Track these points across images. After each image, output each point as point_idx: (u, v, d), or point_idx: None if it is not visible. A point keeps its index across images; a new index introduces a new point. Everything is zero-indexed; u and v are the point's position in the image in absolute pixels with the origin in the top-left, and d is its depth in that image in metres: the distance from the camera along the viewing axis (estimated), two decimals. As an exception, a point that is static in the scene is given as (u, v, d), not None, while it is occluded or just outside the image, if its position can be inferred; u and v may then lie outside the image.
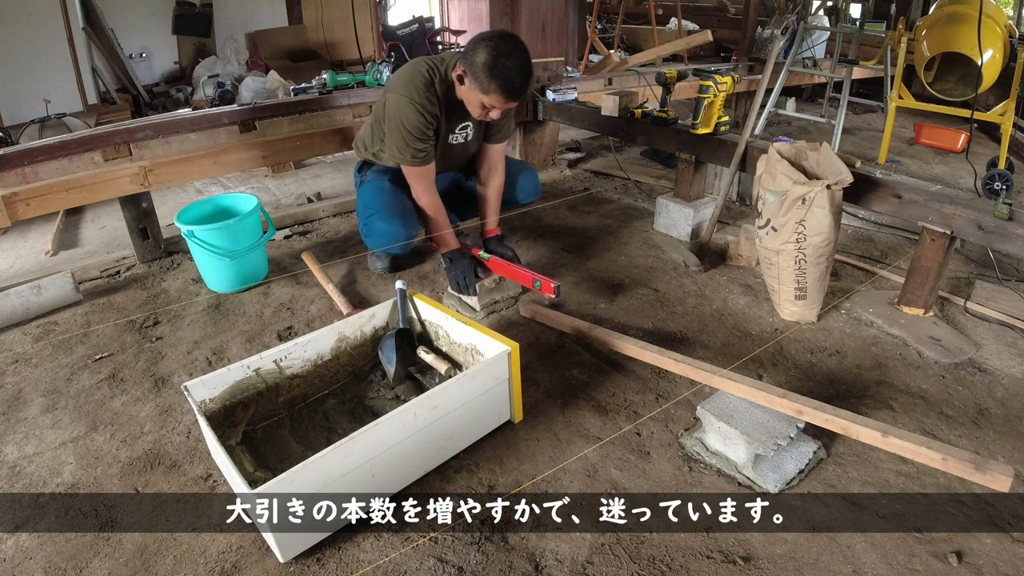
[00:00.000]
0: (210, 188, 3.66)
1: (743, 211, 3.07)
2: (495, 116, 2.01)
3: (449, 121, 2.14)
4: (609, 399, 1.78)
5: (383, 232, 2.22)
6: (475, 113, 2.02)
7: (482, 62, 1.86)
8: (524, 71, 1.88)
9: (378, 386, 1.82)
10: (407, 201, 2.21)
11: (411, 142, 2.03)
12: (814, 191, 1.88)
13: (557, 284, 1.96)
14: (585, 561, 1.30)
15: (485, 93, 1.90)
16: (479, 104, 1.96)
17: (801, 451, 1.53)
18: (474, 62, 1.87)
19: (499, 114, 2.01)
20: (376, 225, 2.23)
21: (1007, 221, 1.82)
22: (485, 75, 1.86)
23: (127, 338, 2.13)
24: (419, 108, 1.99)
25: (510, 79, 1.86)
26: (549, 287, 1.97)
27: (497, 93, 1.88)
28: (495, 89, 1.88)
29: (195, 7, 5.83)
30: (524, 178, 2.53)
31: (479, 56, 1.86)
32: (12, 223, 2.32)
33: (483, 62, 1.85)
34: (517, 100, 1.94)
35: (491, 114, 1.99)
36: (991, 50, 3.31)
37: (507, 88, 1.87)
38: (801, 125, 4.61)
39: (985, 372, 1.88)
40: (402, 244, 2.23)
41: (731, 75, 2.51)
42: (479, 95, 1.92)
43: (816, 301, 2.10)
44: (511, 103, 1.94)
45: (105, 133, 2.56)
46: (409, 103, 1.99)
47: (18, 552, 1.35)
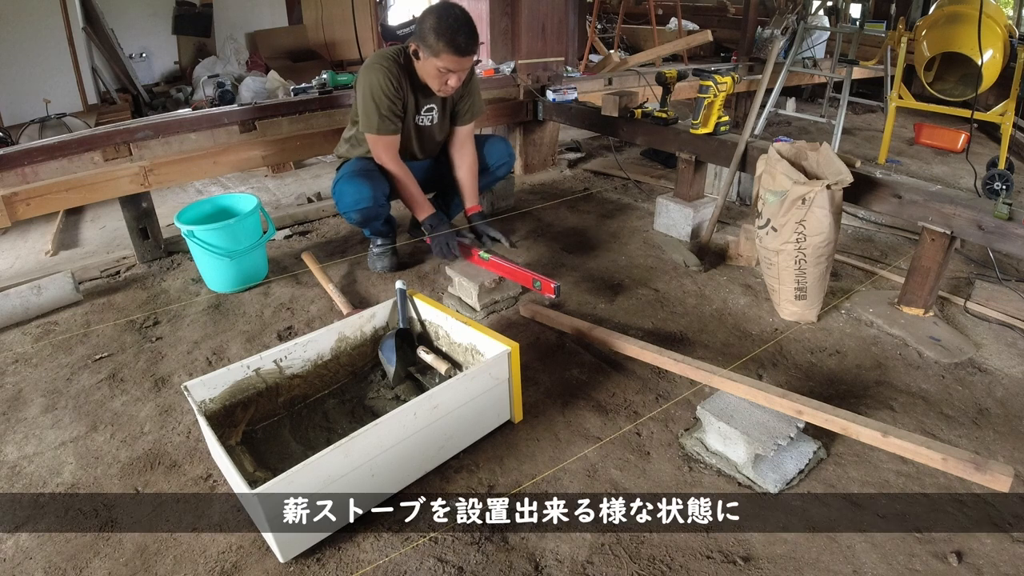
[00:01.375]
0: (210, 188, 3.66)
1: (743, 211, 3.07)
2: (453, 83, 2.11)
3: (416, 99, 2.25)
4: (609, 399, 1.78)
5: (348, 191, 2.25)
6: (435, 86, 2.14)
7: (428, 27, 2.01)
8: (467, 26, 2.02)
9: (378, 386, 1.82)
10: (374, 166, 2.30)
11: (379, 104, 2.14)
12: (814, 191, 1.88)
13: (557, 284, 1.98)
14: (585, 561, 1.30)
15: (437, 56, 2.04)
16: (435, 72, 2.08)
17: (801, 451, 1.53)
18: (423, 31, 2.04)
19: (456, 81, 2.11)
20: (342, 187, 2.28)
21: (1007, 221, 1.82)
22: (433, 37, 2.01)
23: (127, 338, 2.13)
24: (386, 71, 2.13)
25: (455, 35, 1.99)
26: (549, 287, 1.98)
27: (447, 51, 2.01)
28: (444, 48, 2.01)
29: (195, 7, 5.82)
30: (492, 145, 2.57)
31: (425, 24, 2.03)
32: (12, 223, 2.32)
33: (429, 27, 2.01)
34: (466, 55, 2.05)
35: (450, 81, 2.10)
36: (991, 50, 3.31)
37: (453, 44, 2.00)
38: (801, 125, 4.61)
39: (985, 372, 1.88)
40: (370, 199, 2.23)
41: (731, 75, 2.51)
42: (433, 60, 2.05)
43: (816, 301, 2.10)
44: (463, 59, 2.05)
45: (105, 133, 2.56)
46: (376, 67, 2.13)
47: (18, 552, 1.35)
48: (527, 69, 3.44)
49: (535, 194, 3.36)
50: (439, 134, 2.41)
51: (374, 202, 2.25)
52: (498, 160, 2.57)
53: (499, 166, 2.59)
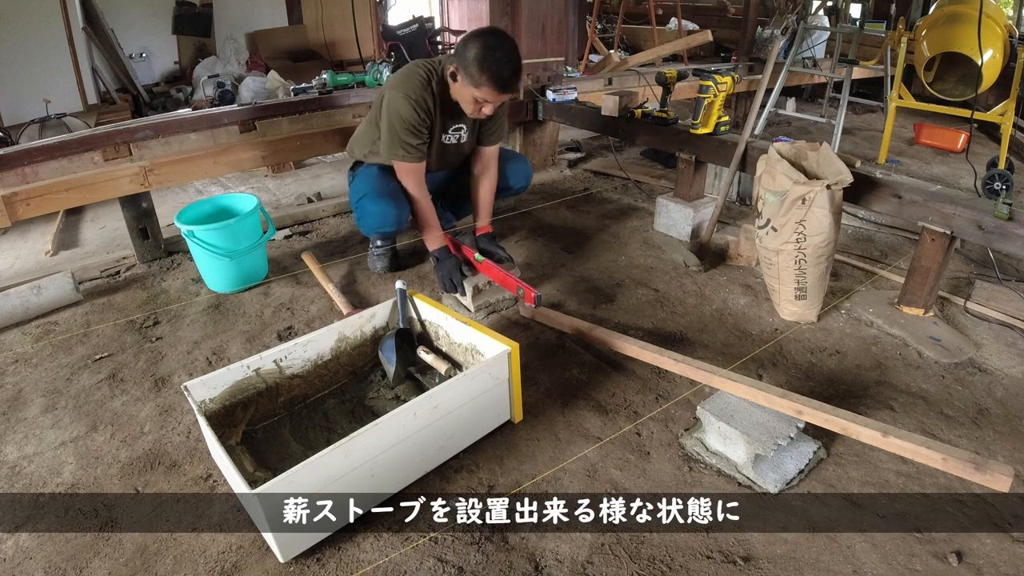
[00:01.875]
0: (210, 188, 3.66)
1: (743, 211, 3.07)
2: (488, 112, 2.05)
3: (444, 121, 2.18)
4: (609, 399, 1.78)
5: (374, 212, 2.23)
6: (469, 110, 2.06)
7: (473, 56, 1.92)
8: (513, 63, 1.94)
9: (378, 386, 1.82)
10: (397, 184, 2.24)
11: (404, 136, 2.08)
12: (814, 191, 1.88)
13: (538, 294, 2.00)
14: (585, 561, 1.30)
15: (477, 87, 1.95)
16: (472, 99, 2.01)
17: (801, 451, 1.53)
18: (465, 57, 1.94)
19: (492, 109, 2.04)
20: (367, 206, 2.25)
21: (1007, 221, 1.82)
22: (476, 68, 1.92)
23: (127, 338, 2.13)
24: (414, 104, 2.04)
25: (500, 71, 1.91)
26: (530, 296, 2.00)
27: (488, 85, 1.93)
28: (486, 81, 1.93)
29: (195, 7, 5.82)
30: (515, 165, 2.53)
31: (470, 51, 1.92)
32: (12, 223, 2.32)
33: (474, 56, 1.91)
34: (508, 92, 1.99)
35: (484, 109, 2.03)
36: (991, 50, 3.31)
37: (497, 79, 1.93)
38: (801, 125, 4.61)
39: (985, 372, 1.88)
40: (394, 223, 2.23)
41: (731, 75, 2.51)
42: (471, 89, 1.97)
43: (816, 301, 2.10)
44: (502, 95, 1.99)
45: (105, 133, 2.56)
46: (404, 98, 2.04)
47: (18, 552, 1.35)
48: (527, 69, 3.43)
49: (535, 194, 3.35)
50: (465, 149, 2.34)
51: (397, 226, 2.25)
52: (518, 182, 2.54)
53: (519, 188, 2.58)
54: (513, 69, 1.94)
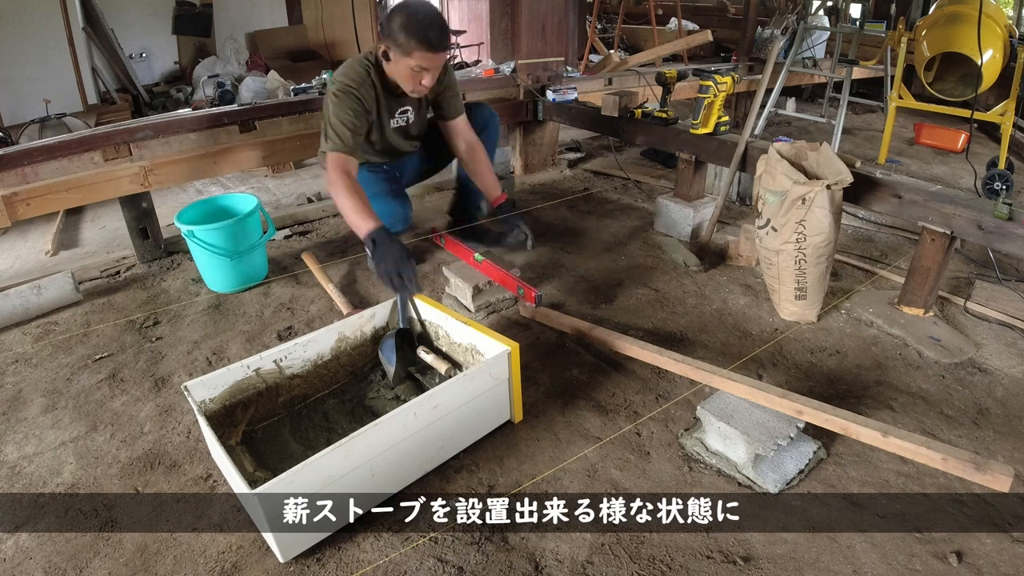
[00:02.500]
0: (210, 188, 3.66)
1: (743, 211, 3.07)
2: (427, 83, 2.02)
3: (390, 106, 2.19)
4: (609, 399, 1.78)
5: (384, 213, 2.22)
6: (408, 87, 2.05)
7: (398, 26, 1.92)
8: (439, 20, 1.96)
9: (378, 386, 1.82)
10: (398, 187, 2.28)
11: (337, 123, 2.02)
12: (814, 191, 1.88)
13: (539, 294, 2.01)
14: (585, 561, 1.30)
15: (408, 54, 1.95)
16: (408, 72, 1.99)
17: (801, 451, 1.53)
18: (391, 29, 1.95)
19: (430, 79, 2.02)
20: (377, 208, 2.23)
21: (1007, 221, 1.82)
22: (403, 36, 1.92)
23: (127, 338, 2.13)
24: (350, 92, 2.02)
25: (426, 31, 1.92)
26: (531, 296, 2.02)
27: (419, 49, 1.93)
28: (415, 45, 1.92)
29: (195, 7, 5.82)
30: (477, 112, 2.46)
31: (394, 23, 1.94)
32: (12, 223, 2.32)
33: (399, 25, 1.92)
34: (439, 51, 1.97)
35: (423, 81, 2.01)
36: (991, 50, 3.31)
37: (425, 40, 1.93)
38: (801, 125, 4.61)
39: (985, 372, 1.88)
40: (403, 221, 2.28)
41: (731, 75, 2.51)
42: (405, 60, 1.97)
43: (816, 301, 2.10)
44: (436, 55, 1.97)
45: (105, 133, 2.55)
46: (342, 88, 2.03)
47: (18, 552, 1.35)
48: (527, 69, 3.44)
49: (535, 194, 3.36)
50: (416, 128, 2.34)
51: (405, 224, 2.29)
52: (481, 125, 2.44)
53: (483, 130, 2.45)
54: (440, 27, 1.95)
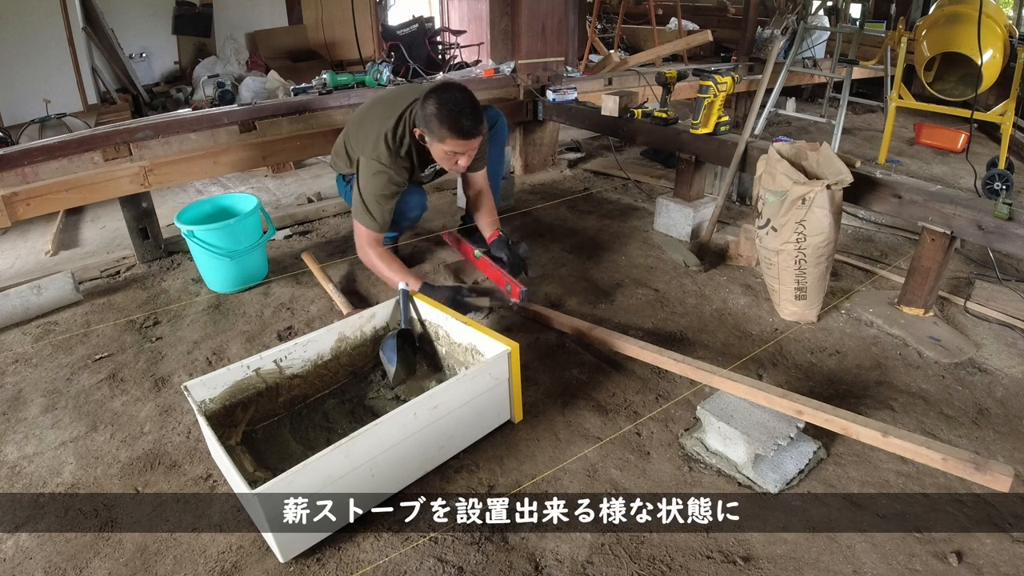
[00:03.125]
0: (210, 188, 3.66)
1: (743, 211, 3.07)
2: (463, 163, 2.06)
3: (422, 164, 2.22)
4: (609, 399, 1.78)
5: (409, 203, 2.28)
6: (446, 166, 2.10)
7: (431, 114, 1.94)
8: (469, 107, 1.94)
9: (378, 386, 1.82)
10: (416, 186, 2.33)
11: (370, 204, 2.08)
12: (814, 191, 1.88)
13: (524, 289, 2.04)
14: (585, 561, 1.30)
15: (442, 142, 1.98)
16: (444, 155, 2.03)
17: (801, 451, 1.53)
18: (426, 117, 1.96)
19: (467, 160, 2.05)
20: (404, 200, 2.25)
21: (1007, 221, 1.82)
22: (436, 125, 1.94)
23: (127, 338, 2.13)
24: (387, 176, 2.06)
25: (458, 120, 1.92)
26: (515, 292, 2.06)
27: (452, 137, 1.95)
28: (448, 134, 1.95)
29: (195, 7, 5.82)
30: None
31: (427, 110, 1.95)
32: (12, 223, 2.32)
33: (431, 114, 1.94)
34: (472, 138, 1.98)
35: (460, 162, 2.05)
36: (991, 50, 3.31)
37: (457, 129, 1.94)
38: (801, 125, 4.61)
39: (985, 372, 1.88)
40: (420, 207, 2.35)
41: (731, 75, 2.51)
42: (440, 146, 2.00)
43: (816, 301, 2.10)
44: (469, 142, 1.99)
45: (105, 133, 2.56)
46: (375, 167, 2.06)
47: (18, 552, 1.35)
48: (527, 69, 3.44)
49: (535, 194, 3.36)
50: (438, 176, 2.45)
51: (421, 209, 2.35)
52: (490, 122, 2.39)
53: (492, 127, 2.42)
54: (471, 115, 1.94)
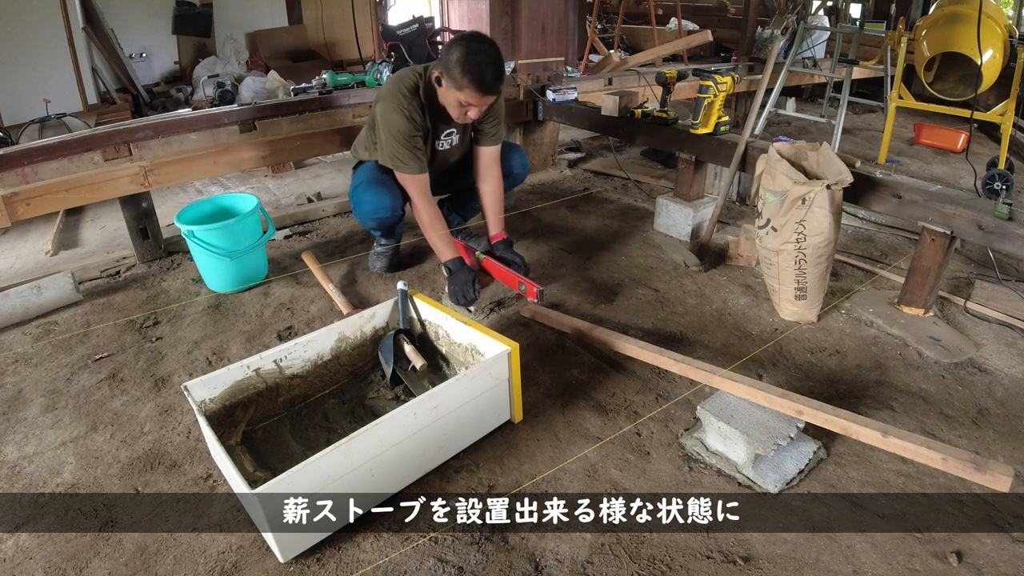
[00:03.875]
0: (210, 188, 3.66)
1: (743, 211, 3.07)
2: (473, 115, 2.06)
3: (436, 126, 2.20)
4: (609, 399, 1.78)
5: (368, 199, 2.27)
6: (454, 114, 2.08)
7: (455, 60, 1.93)
8: (494, 64, 1.95)
9: (378, 386, 1.82)
10: (393, 180, 2.26)
11: (399, 150, 2.10)
12: (814, 191, 1.88)
13: (540, 288, 2.01)
14: (585, 561, 1.30)
15: (459, 89, 1.97)
16: (456, 103, 2.02)
17: (801, 451, 1.53)
18: (448, 61, 1.96)
19: (477, 113, 2.05)
20: (361, 194, 2.29)
21: (1007, 221, 1.82)
22: (458, 71, 1.94)
23: (127, 338, 2.13)
24: (406, 115, 2.07)
25: (481, 72, 1.93)
26: (532, 291, 2.02)
27: (470, 87, 1.95)
28: (468, 83, 1.94)
29: (195, 7, 5.82)
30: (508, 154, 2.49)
31: (453, 55, 1.94)
32: (12, 223, 2.32)
33: (456, 59, 1.93)
34: (490, 94, 1.99)
35: (469, 113, 2.04)
36: (991, 50, 3.31)
37: (479, 81, 1.94)
38: (801, 125, 4.61)
39: (985, 372, 1.88)
40: (388, 209, 2.27)
41: (731, 75, 2.51)
42: (455, 92, 1.99)
43: (816, 301, 2.10)
44: (485, 97, 1.99)
45: (105, 133, 2.56)
46: (397, 110, 2.06)
47: (18, 552, 1.35)
48: (527, 69, 3.44)
49: (535, 194, 3.36)
50: (455, 155, 2.35)
51: (391, 212, 2.29)
52: (510, 169, 2.49)
53: (511, 174, 2.51)
54: (494, 71, 1.95)
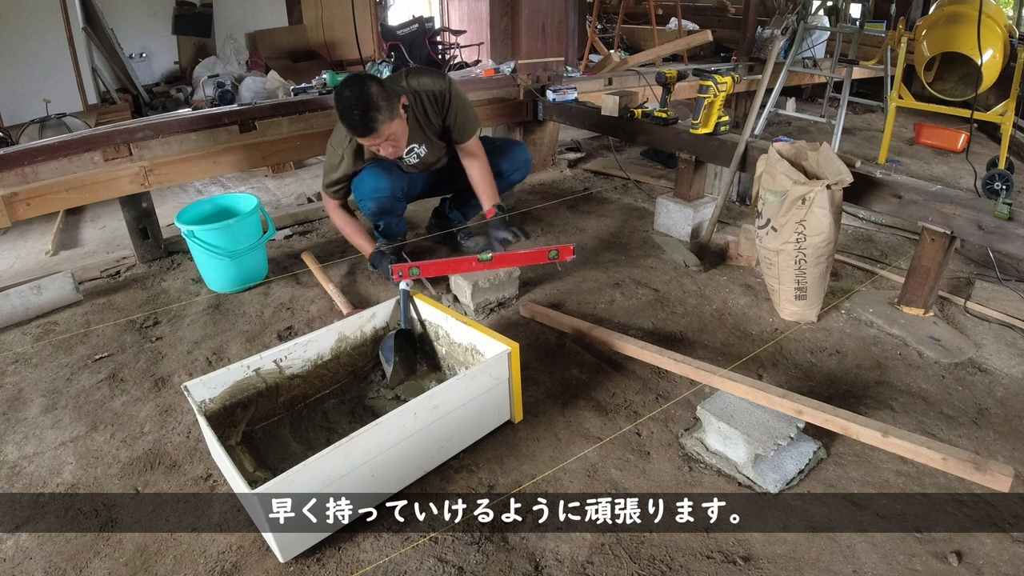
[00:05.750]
0: (210, 188, 3.66)
1: (743, 211, 3.07)
2: (387, 152, 2.11)
3: None
4: (609, 399, 1.78)
5: (368, 181, 2.30)
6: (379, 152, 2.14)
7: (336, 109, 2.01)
8: (359, 106, 1.94)
9: (378, 386, 1.82)
10: (396, 168, 2.34)
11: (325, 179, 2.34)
12: (814, 191, 1.88)
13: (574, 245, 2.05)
14: (585, 561, 1.30)
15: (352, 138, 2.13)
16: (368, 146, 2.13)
17: (801, 451, 1.53)
18: None
19: (391, 148, 2.09)
20: (362, 176, 2.32)
21: (1007, 221, 1.82)
22: (338, 119, 2.04)
23: (127, 338, 2.13)
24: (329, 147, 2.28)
25: (349, 119, 1.98)
26: (568, 251, 2.03)
27: (350, 132, 2.06)
28: (346, 129, 2.04)
29: (195, 7, 5.83)
30: (509, 150, 2.53)
31: None
32: (12, 223, 2.32)
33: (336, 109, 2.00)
34: (367, 134, 2.01)
35: (383, 152, 2.11)
36: (991, 50, 3.31)
37: (351, 126, 2.00)
38: (801, 125, 4.61)
39: (985, 372, 1.88)
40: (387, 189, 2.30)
41: (731, 75, 2.51)
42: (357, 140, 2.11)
43: (816, 301, 2.10)
44: (366, 138, 2.04)
45: (105, 133, 2.55)
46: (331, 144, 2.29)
47: (18, 552, 1.35)
48: (527, 69, 3.44)
49: (535, 194, 3.36)
50: (434, 156, 2.38)
51: (391, 193, 2.31)
52: (512, 166, 2.53)
53: (513, 171, 2.54)
54: (361, 112, 1.94)
